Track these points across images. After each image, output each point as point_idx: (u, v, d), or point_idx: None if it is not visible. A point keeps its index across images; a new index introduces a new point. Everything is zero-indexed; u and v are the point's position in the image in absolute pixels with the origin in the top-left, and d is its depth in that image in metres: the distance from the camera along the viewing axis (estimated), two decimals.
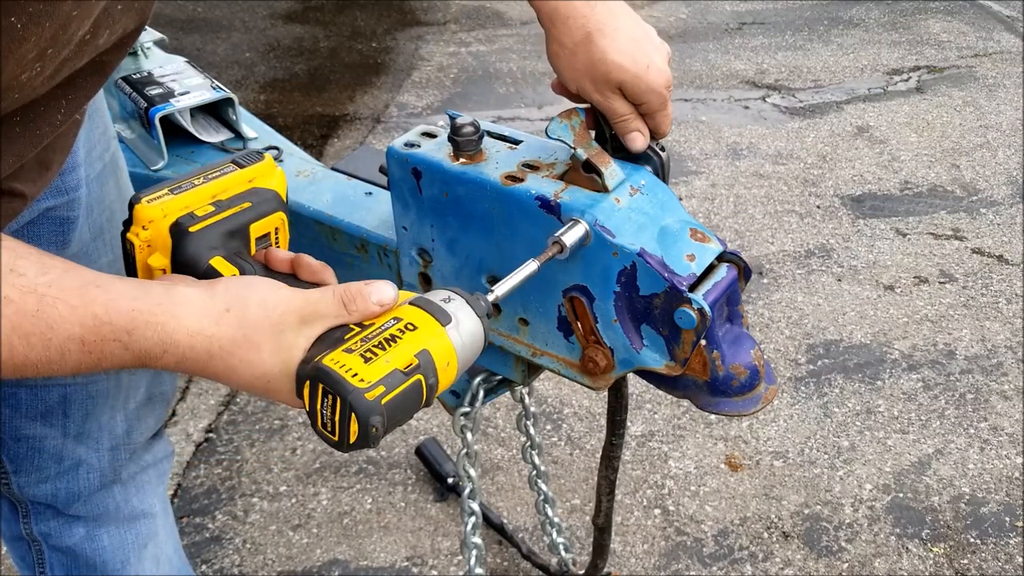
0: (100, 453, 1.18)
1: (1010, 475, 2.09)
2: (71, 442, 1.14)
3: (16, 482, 1.15)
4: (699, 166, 3.41)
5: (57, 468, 1.15)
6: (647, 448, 2.17)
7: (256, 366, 0.72)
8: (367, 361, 0.70)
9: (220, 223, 0.84)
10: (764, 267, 2.82)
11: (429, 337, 0.73)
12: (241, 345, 0.71)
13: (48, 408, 1.10)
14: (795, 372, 2.40)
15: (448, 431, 2.19)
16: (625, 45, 0.95)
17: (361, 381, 0.69)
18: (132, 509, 1.26)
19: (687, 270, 0.90)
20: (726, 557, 1.91)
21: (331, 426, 0.70)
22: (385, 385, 0.69)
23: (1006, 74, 4.10)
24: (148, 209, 0.82)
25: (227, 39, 4.63)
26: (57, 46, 0.66)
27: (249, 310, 0.72)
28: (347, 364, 0.70)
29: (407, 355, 0.72)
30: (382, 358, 0.71)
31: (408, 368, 0.71)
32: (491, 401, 1.23)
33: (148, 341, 0.69)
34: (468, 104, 3.94)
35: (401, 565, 1.90)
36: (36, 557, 1.25)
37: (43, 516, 1.21)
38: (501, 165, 0.99)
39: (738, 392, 0.96)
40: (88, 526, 1.23)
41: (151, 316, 0.70)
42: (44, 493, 1.17)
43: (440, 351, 0.73)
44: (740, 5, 5.06)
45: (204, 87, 1.44)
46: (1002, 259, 2.86)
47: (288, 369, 0.72)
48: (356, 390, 0.68)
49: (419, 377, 0.71)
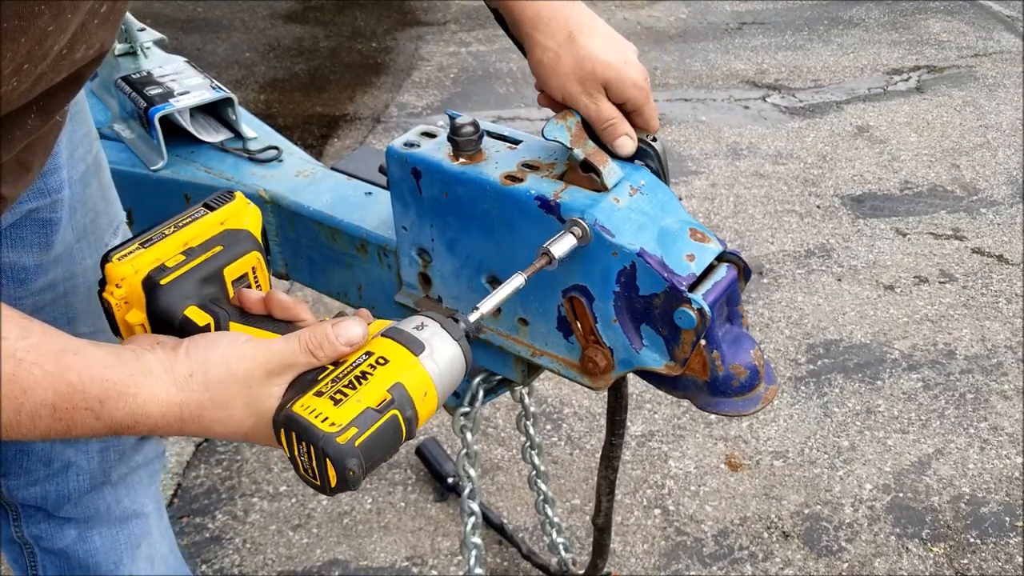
0: (89, 455, 1.18)
1: (1010, 475, 2.08)
2: (59, 444, 1.14)
3: (6, 485, 1.15)
4: (699, 166, 3.41)
5: (46, 471, 1.15)
6: (647, 448, 2.17)
7: (230, 423, 0.73)
8: (337, 404, 0.69)
9: (192, 271, 0.83)
10: (764, 267, 2.82)
11: (402, 369, 0.72)
12: (209, 407, 0.72)
13: None
14: (795, 372, 2.40)
15: (448, 431, 2.19)
16: (604, 42, 0.95)
17: (332, 425, 0.68)
18: (124, 510, 1.26)
19: (687, 270, 0.90)
20: (726, 557, 1.91)
21: (311, 472, 0.70)
22: (357, 426, 0.68)
23: (1006, 74, 4.10)
24: (119, 267, 0.81)
25: (227, 39, 4.63)
26: (33, 61, 0.66)
27: (211, 372, 0.72)
28: (317, 409, 0.69)
29: (379, 392, 0.71)
30: (352, 398, 0.70)
31: (381, 405, 0.70)
32: (491, 401, 1.23)
33: (120, 412, 0.70)
34: (468, 104, 3.94)
35: (401, 565, 1.90)
36: (29, 560, 1.25)
37: (34, 519, 1.21)
38: (501, 165, 0.99)
39: (738, 392, 0.96)
40: (80, 528, 1.23)
41: (123, 387, 0.70)
42: (34, 496, 1.17)
43: (415, 382, 0.72)
44: (740, 5, 5.05)
45: (204, 87, 1.44)
46: (1002, 259, 2.85)
47: (264, 419, 0.72)
48: (326, 435, 0.67)
49: (394, 412, 0.70)
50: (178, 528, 1.96)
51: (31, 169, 0.87)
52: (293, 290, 2.72)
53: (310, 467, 0.70)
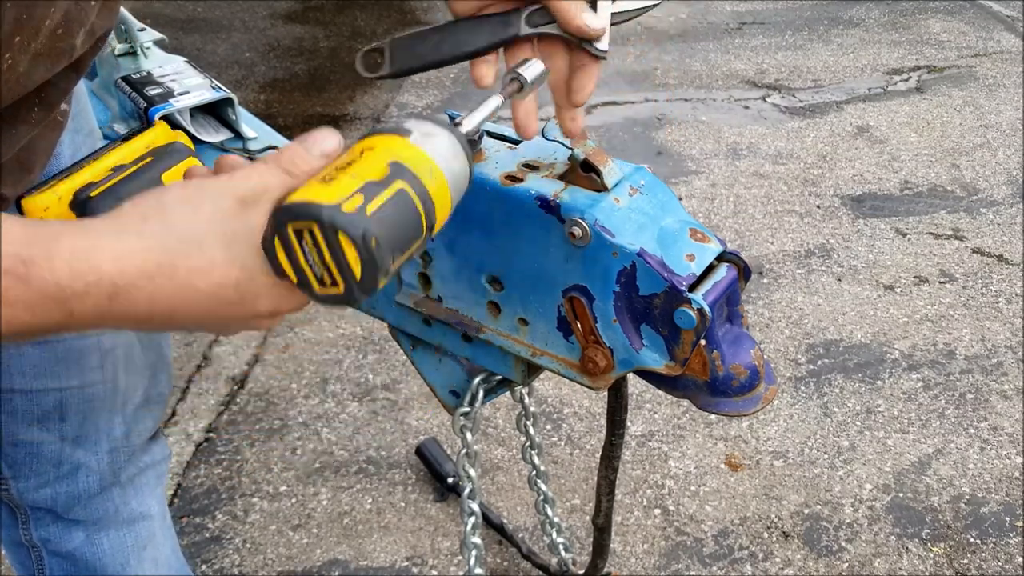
0: (99, 456, 1.17)
1: (1010, 475, 2.08)
2: (69, 446, 1.13)
3: (16, 487, 1.15)
4: (699, 166, 3.41)
5: (56, 472, 1.15)
6: (647, 448, 2.17)
7: (213, 273, 0.57)
8: (328, 182, 0.56)
9: (126, 181, 0.73)
10: (764, 267, 2.82)
11: (394, 148, 0.59)
12: (179, 252, 0.56)
13: (44, 413, 1.09)
14: (795, 372, 2.40)
15: (448, 431, 2.19)
16: None
17: (331, 198, 0.55)
18: (131, 512, 1.25)
19: (687, 270, 0.90)
20: (726, 557, 1.91)
21: (327, 272, 0.56)
22: (363, 194, 0.55)
23: (1006, 74, 4.10)
24: (39, 198, 0.72)
25: (227, 39, 4.63)
26: (25, 34, 0.64)
27: (170, 211, 0.57)
28: (307, 196, 0.55)
29: (376, 166, 0.58)
30: (347, 173, 0.57)
31: (383, 178, 0.57)
32: (491, 401, 1.23)
33: (58, 273, 0.53)
34: (468, 104, 3.90)
35: (401, 565, 1.90)
36: (36, 563, 1.25)
37: (42, 522, 1.20)
38: (501, 165, 0.99)
39: (738, 392, 0.96)
40: (88, 530, 1.22)
41: (54, 243, 0.54)
42: (44, 498, 1.17)
43: (413, 159, 0.59)
44: (740, 5, 5.05)
45: (204, 87, 1.44)
46: (1002, 259, 2.86)
47: (252, 254, 0.58)
48: (330, 206, 0.54)
49: (401, 185, 0.57)
50: (178, 528, 1.96)
51: (32, 170, 0.87)
52: None
53: (323, 265, 0.56)
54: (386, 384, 2.38)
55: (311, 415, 2.28)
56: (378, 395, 2.34)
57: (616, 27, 0.88)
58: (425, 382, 1.23)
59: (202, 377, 2.40)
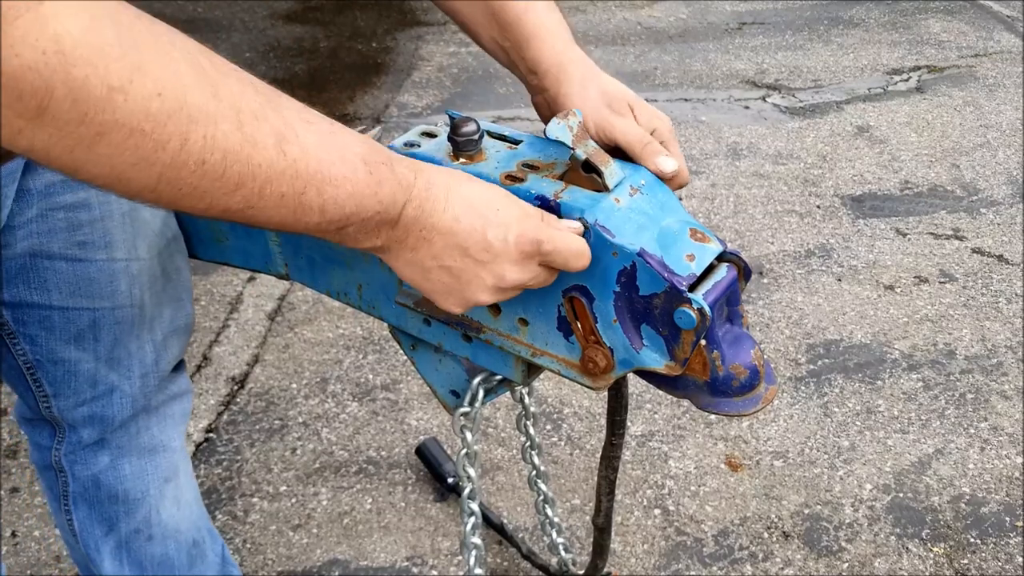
0: (132, 380, 1.22)
1: (1010, 475, 2.09)
2: (104, 367, 1.19)
3: (56, 405, 1.20)
4: (699, 166, 3.41)
5: (92, 392, 1.20)
6: (647, 448, 2.17)
7: (508, 225, 0.81)
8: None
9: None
10: (764, 267, 2.82)
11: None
12: (490, 204, 0.81)
13: (80, 331, 1.14)
14: (795, 372, 2.40)
15: (448, 431, 2.20)
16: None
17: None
18: (152, 439, 1.30)
19: (687, 270, 0.90)
20: (726, 557, 1.91)
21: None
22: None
23: (1006, 74, 4.10)
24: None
25: (227, 39, 4.64)
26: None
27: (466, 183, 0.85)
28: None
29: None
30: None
31: None
32: (491, 401, 1.23)
33: (402, 164, 0.75)
34: (468, 104, 3.94)
35: (401, 565, 1.90)
36: (62, 487, 1.30)
37: (74, 442, 1.25)
38: (501, 165, 0.99)
39: (738, 392, 0.96)
40: (112, 454, 1.27)
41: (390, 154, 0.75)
42: (81, 417, 1.22)
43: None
44: (740, 5, 5.06)
45: None
46: (1002, 259, 2.86)
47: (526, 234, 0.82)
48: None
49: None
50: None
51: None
52: (293, 289, 2.72)
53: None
54: (386, 384, 2.38)
55: (311, 415, 2.28)
56: (378, 395, 2.34)
57: (616, 27, 0.89)
58: (425, 382, 1.23)
59: (202, 377, 2.40)
